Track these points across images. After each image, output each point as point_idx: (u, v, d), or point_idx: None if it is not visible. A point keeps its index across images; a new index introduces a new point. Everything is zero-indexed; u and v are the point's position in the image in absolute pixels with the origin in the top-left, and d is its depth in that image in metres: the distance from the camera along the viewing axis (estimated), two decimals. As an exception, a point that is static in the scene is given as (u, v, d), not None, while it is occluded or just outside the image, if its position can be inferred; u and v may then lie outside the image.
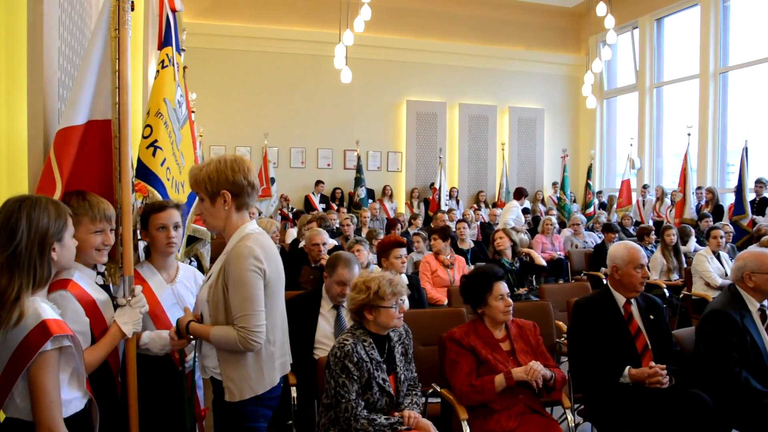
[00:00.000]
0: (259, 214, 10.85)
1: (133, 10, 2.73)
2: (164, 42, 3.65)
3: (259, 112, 13.53)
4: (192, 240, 3.81)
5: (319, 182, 13.52)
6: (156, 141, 3.28)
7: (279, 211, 12.56)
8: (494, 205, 13.82)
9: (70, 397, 2.12)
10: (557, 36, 16.03)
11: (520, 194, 11.24)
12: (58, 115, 2.90)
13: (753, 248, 4.13)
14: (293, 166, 13.93)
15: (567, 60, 16.08)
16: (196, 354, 2.76)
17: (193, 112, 7.48)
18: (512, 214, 10.45)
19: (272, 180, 12.29)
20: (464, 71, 15.07)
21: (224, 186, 2.60)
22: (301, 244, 6.65)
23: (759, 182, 10.36)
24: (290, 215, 12.19)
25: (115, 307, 2.60)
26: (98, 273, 2.66)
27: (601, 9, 10.00)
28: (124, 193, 2.70)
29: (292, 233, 8.90)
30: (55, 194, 2.45)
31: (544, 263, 6.50)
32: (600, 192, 14.49)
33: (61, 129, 2.59)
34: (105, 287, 2.68)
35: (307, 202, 13.29)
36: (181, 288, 3.04)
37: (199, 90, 11.33)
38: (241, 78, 13.45)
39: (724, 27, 12.52)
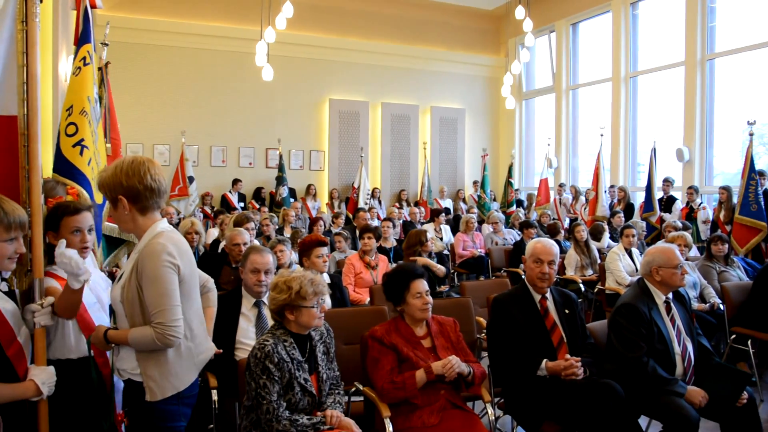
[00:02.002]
0: (178, 214, 10.58)
1: (41, 1, 2.61)
2: (83, 38, 3.54)
3: (178, 109, 13.20)
4: (118, 243, 3.70)
5: (236, 181, 13.30)
6: (83, 140, 3.21)
7: (202, 210, 12.29)
8: (416, 204, 13.95)
9: None
10: (478, 38, 16.33)
11: (432, 216, 11.38)
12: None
13: (660, 244, 4.31)
14: (214, 165, 13.66)
15: (487, 61, 16.42)
16: (112, 357, 2.68)
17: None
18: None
19: (190, 179, 12.00)
20: (387, 71, 15.16)
21: (119, 191, 2.56)
22: (222, 245, 6.53)
23: (666, 181, 10.89)
24: (212, 214, 11.95)
25: (24, 317, 2.50)
26: (2, 279, 2.53)
27: (519, 12, 10.24)
28: (34, 194, 2.59)
29: (212, 233, 8.72)
30: None
31: (441, 272, 6.59)
32: (517, 190, 14.86)
33: None
34: (10, 293, 2.56)
35: (225, 201, 13.05)
36: (96, 287, 2.96)
37: (115, 86, 10.92)
38: (160, 74, 13.08)
39: (634, 33, 13.09)
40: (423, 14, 15.47)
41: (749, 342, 5.54)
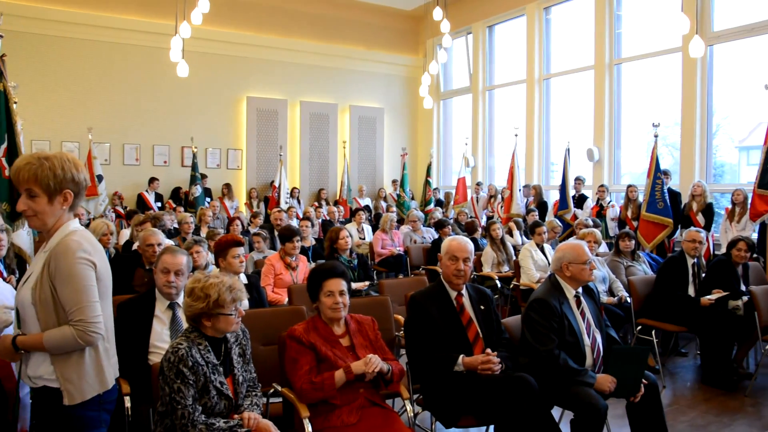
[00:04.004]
0: (88, 214, 10.20)
1: None
2: None
3: (88, 105, 12.68)
4: None
5: (153, 179, 12.91)
6: None
7: (114, 210, 11.86)
8: (336, 203, 13.93)
9: None
10: (396, 37, 16.45)
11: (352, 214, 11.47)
12: None
13: (571, 241, 4.44)
14: (127, 164, 13.19)
15: (405, 61, 16.56)
16: (22, 365, 2.54)
17: (15, 102, 6.87)
18: None
19: (99, 178, 11.52)
20: (305, 69, 15.08)
21: (68, 185, 2.46)
22: (135, 246, 6.32)
23: (578, 180, 11.30)
24: (125, 214, 11.56)
25: None
26: None
27: (437, 13, 10.34)
28: None
29: (125, 234, 8.44)
30: None
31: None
32: (436, 189, 15.06)
33: None
34: None
35: (141, 200, 12.65)
36: (1, 296, 2.81)
37: (18, 79, 10.42)
38: (69, 68, 12.53)
39: (547, 37, 13.51)
40: (342, 13, 15.47)
41: (653, 332, 5.83)
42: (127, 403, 3.41)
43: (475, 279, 7.67)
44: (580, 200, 11.14)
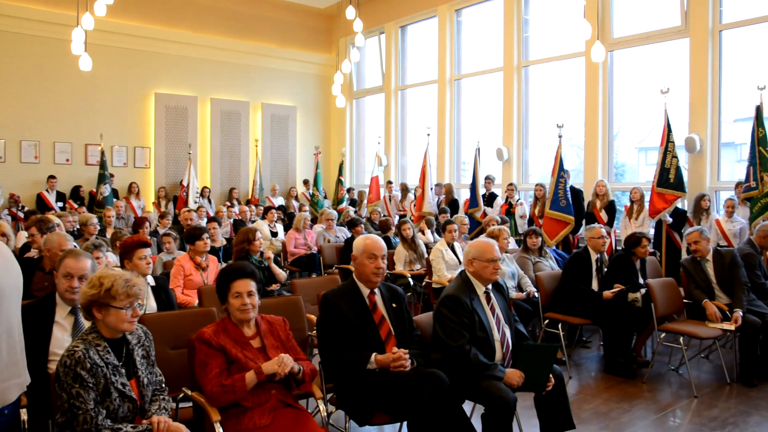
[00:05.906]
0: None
1: None
2: None
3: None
4: None
5: (51, 177, 12.29)
6: None
7: (9, 212, 11.23)
8: (248, 203, 13.72)
9: None
10: (310, 36, 16.37)
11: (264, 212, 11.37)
12: None
13: (482, 238, 4.53)
14: (24, 161, 12.51)
15: (319, 60, 16.50)
16: None
17: None
18: None
19: (-8, 177, 10.89)
20: (216, 65, 14.79)
21: None
22: (34, 250, 6.00)
23: (487, 179, 11.57)
24: (22, 216, 10.96)
25: None
26: None
27: (350, 12, 10.33)
28: None
29: (22, 236, 7.99)
30: None
31: (282, 278, 6.57)
32: (351, 189, 15.07)
33: None
34: None
35: (41, 200, 12.03)
36: None
37: None
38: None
39: (458, 39, 13.76)
40: (254, 9, 15.25)
41: (560, 325, 6.04)
42: (24, 416, 3.23)
43: (387, 277, 7.72)
44: (490, 198, 11.40)
